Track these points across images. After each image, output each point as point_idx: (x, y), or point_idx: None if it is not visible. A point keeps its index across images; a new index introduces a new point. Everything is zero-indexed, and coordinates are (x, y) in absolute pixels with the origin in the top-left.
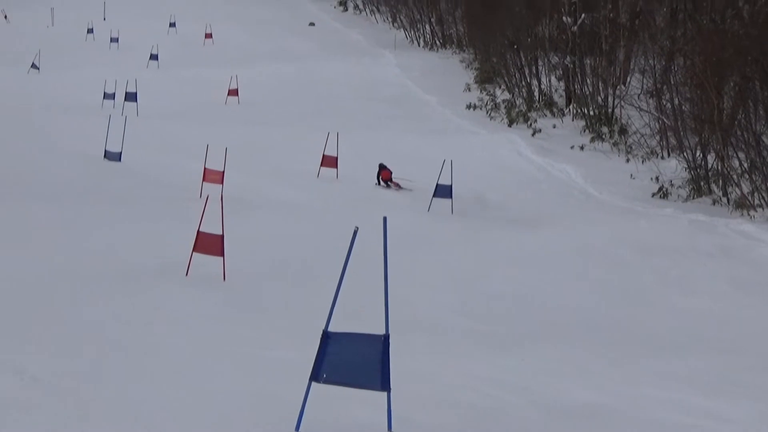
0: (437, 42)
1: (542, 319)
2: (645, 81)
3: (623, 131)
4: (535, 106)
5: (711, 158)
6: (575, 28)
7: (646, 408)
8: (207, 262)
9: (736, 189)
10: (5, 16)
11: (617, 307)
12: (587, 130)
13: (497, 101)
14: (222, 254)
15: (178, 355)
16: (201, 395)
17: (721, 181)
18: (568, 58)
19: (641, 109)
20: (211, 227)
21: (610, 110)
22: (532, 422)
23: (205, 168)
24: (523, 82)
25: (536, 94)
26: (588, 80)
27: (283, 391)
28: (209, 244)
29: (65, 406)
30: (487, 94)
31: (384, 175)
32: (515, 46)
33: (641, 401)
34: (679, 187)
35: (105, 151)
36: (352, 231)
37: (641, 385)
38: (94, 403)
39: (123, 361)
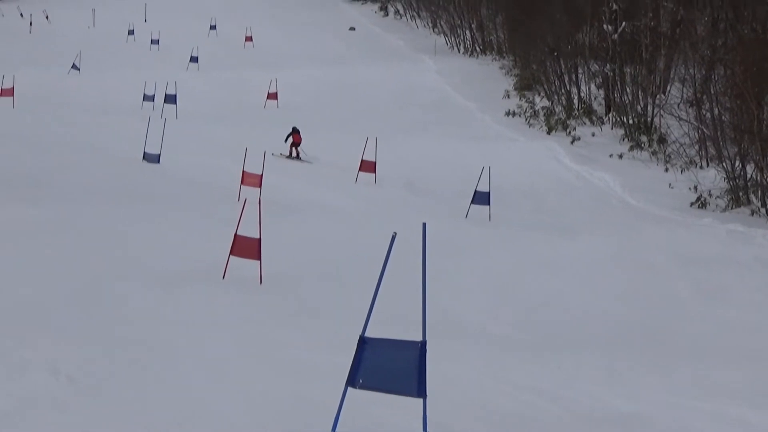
0: (477, 48)
1: (578, 327)
2: (685, 90)
3: (662, 140)
4: (574, 113)
5: (750, 168)
6: (616, 36)
7: (682, 417)
8: (244, 265)
9: None
10: (46, 17)
11: (654, 316)
12: (626, 139)
13: (536, 108)
14: (259, 258)
15: (213, 357)
16: (236, 398)
17: (759, 191)
18: (608, 66)
19: (680, 119)
20: (249, 230)
21: (649, 119)
22: (568, 430)
23: (243, 171)
24: (563, 90)
25: (575, 101)
26: (627, 89)
27: (318, 395)
28: (246, 247)
29: (100, 406)
30: (526, 101)
31: (296, 138)
32: (555, 54)
33: (677, 411)
34: (718, 197)
35: (144, 152)
36: (390, 236)
37: (677, 394)
38: (128, 404)
39: (159, 363)
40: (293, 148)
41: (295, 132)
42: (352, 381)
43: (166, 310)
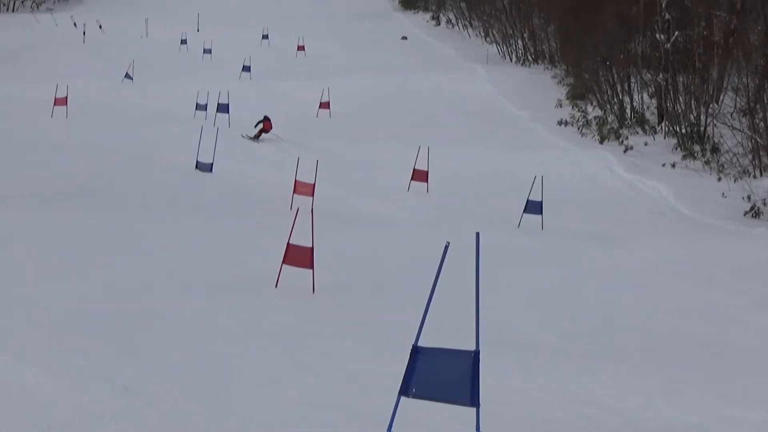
0: (529, 57)
1: (632, 338)
2: (738, 99)
3: (715, 150)
4: (626, 123)
5: None
6: (668, 45)
7: (738, 430)
8: (296, 274)
9: None
10: (100, 26)
11: (708, 327)
12: (679, 148)
13: (589, 118)
14: (311, 267)
15: (266, 366)
16: (289, 407)
17: None
18: (660, 76)
19: (734, 128)
20: (301, 240)
21: (702, 128)
22: None
23: (296, 180)
24: (615, 99)
25: (628, 111)
26: (680, 98)
27: (371, 406)
28: (299, 256)
29: (154, 414)
30: (578, 110)
31: (266, 125)
32: (608, 63)
33: (733, 423)
34: None
35: (197, 161)
36: (443, 246)
37: (733, 406)
38: (181, 415)
39: (211, 372)
40: (261, 133)
41: (266, 120)
42: (405, 390)
43: (217, 319)
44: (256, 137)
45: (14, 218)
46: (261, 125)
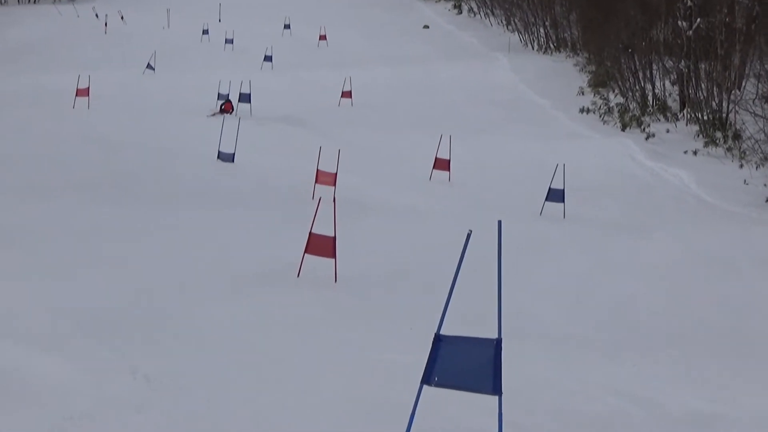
0: (551, 45)
1: (655, 326)
2: (760, 86)
3: (737, 136)
4: (648, 110)
5: None
6: (690, 32)
7: (763, 417)
8: (319, 263)
9: None
10: (122, 17)
11: (732, 315)
12: (701, 135)
13: (610, 105)
14: (334, 256)
15: (288, 356)
16: (311, 398)
17: None
18: (682, 63)
19: (756, 114)
20: (324, 229)
21: (724, 115)
22: (646, 430)
23: (317, 170)
24: (637, 86)
25: (650, 98)
26: (702, 85)
27: (393, 394)
28: (321, 245)
29: (177, 407)
30: (600, 98)
31: (227, 107)
32: (630, 50)
33: (759, 412)
34: None
35: (218, 152)
36: (465, 234)
37: (760, 395)
38: (204, 405)
39: (233, 363)
40: (223, 112)
41: (227, 101)
42: (427, 379)
43: (240, 309)
44: (216, 114)
45: (35, 210)
46: (222, 106)
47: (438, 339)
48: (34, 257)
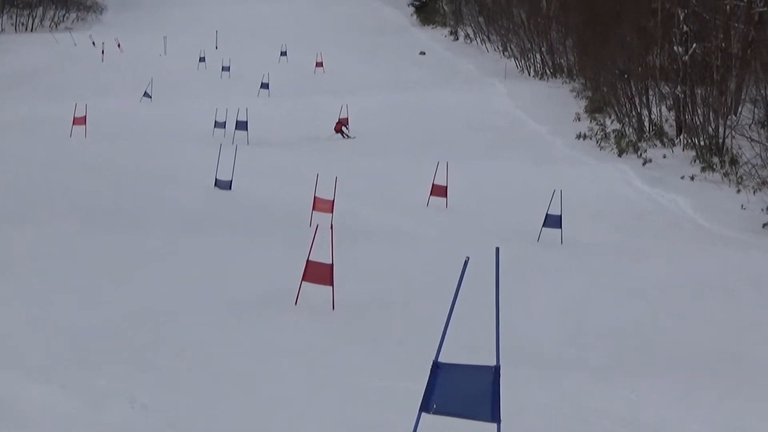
0: (547, 71)
1: (653, 351)
2: (756, 111)
3: (734, 161)
4: (645, 136)
5: None
6: (686, 57)
7: None
8: (316, 290)
9: None
10: (118, 45)
11: (729, 340)
12: (697, 160)
13: (607, 131)
14: (331, 283)
15: (287, 384)
16: (310, 425)
17: None
18: (678, 88)
19: (752, 140)
20: (321, 256)
21: (720, 140)
22: None
23: (315, 197)
24: (634, 112)
25: (646, 123)
26: (699, 110)
27: (392, 422)
28: (319, 273)
29: None
30: (597, 123)
31: (337, 127)
32: (626, 76)
33: None
34: None
35: (216, 179)
36: (463, 261)
37: (755, 418)
38: None
39: (231, 391)
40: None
41: (337, 122)
42: (425, 406)
43: (237, 335)
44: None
45: (33, 237)
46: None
47: (436, 366)
48: (28, 284)
